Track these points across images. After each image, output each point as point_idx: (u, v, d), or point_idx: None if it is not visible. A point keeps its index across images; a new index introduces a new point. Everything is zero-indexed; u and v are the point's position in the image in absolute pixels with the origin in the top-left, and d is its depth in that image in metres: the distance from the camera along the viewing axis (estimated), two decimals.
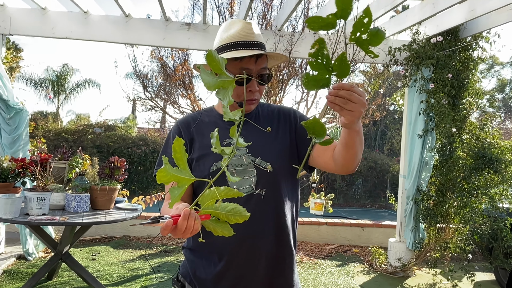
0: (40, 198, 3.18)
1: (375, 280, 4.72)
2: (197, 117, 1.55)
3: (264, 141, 1.44)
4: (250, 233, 1.38)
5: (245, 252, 1.38)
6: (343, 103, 1.01)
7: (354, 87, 1.02)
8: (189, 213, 0.99)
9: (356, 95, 1.01)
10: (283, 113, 1.53)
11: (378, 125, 18.00)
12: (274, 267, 1.41)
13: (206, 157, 1.41)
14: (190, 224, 0.99)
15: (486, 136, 4.67)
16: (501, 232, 4.28)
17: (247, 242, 1.38)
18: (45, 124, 13.45)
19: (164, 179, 0.91)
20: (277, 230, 1.41)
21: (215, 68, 0.89)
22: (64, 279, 4.04)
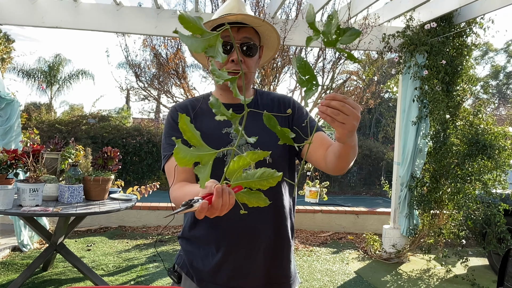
0: (33, 189, 3.16)
1: (370, 266, 4.76)
2: (195, 104, 1.51)
3: (263, 131, 1.38)
4: (249, 225, 1.37)
5: (244, 243, 1.38)
6: (335, 114, 0.97)
7: (348, 99, 0.97)
8: (222, 189, 0.96)
9: (349, 107, 0.96)
10: (282, 102, 1.50)
11: (373, 113, 18.02)
12: (272, 259, 1.41)
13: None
14: (226, 200, 0.96)
15: (479, 123, 4.68)
16: (494, 217, 4.32)
17: (245, 234, 1.37)
18: (38, 115, 13.34)
19: (184, 160, 0.86)
20: (275, 222, 1.41)
21: (193, 29, 0.83)
22: (59, 270, 4.03)
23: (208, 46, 0.86)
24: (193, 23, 0.82)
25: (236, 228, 1.37)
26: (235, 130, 0.93)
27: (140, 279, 3.93)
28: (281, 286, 1.43)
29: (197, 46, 0.85)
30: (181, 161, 0.86)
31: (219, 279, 1.39)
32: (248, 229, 1.37)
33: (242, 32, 1.37)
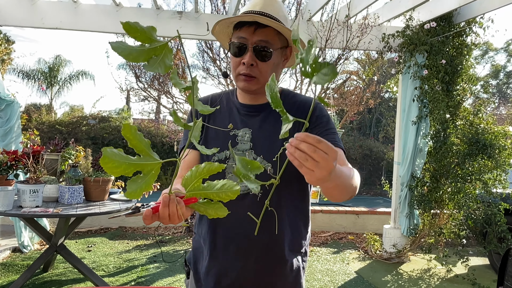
0: (33, 190, 3.16)
1: (370, 266, 4.75)
2: (216, 98, 1.45)
3: (270, 138, 1.30)
4: (240, 234, 1.30)
5: (232, 252, 1.31)
6: (303, 159, 0.82)
7: (322, 142, 0.82)
8: (169, 199, 0.93)
9: (320, 153, 0.81)
10: (303, 107, 1.34)
11: (373, 113, 18.02)
12: (261, 274, 1.31)
13: (210, 145, 1.33)
14: (173, 210, 0.92)
15: (479, 122, 4.68)
16: (495, 217, 4.31)
17: (235, 242, 1.31)
18: (39, 116, 13.36)
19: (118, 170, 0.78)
20: (267, 238, 1.29)
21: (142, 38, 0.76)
22: (60, 270, 4.03)
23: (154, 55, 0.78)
24: (140, 31, 0.76)
25: (226, 235, 1.31)
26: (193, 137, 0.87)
27: (141, 280, 3.93)
28: None
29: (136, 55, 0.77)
30: (114, 170, 0.78)
31: (208, 282, 1.35)
32: (239, 238, 1.30)
33: (258, 33, 1.26)
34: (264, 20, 1.22)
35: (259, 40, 1.26)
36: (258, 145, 1.31)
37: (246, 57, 1.26)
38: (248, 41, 1.26)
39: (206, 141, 1.37)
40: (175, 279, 3.99)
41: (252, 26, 1.25)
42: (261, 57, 1.27)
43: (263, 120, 1.34)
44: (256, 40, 1.26)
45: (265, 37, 1.26)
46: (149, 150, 0.82)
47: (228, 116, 1.38)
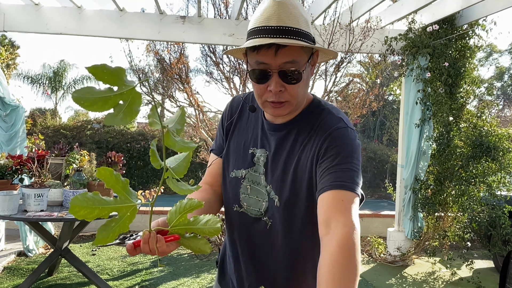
0: (38, 195, 3.18)
1: (375, 269, 4.74)
2: (245, 105, 1.32)
3: (281, 166, 1.18)
4: (256, 256, 1.26)
5: (249, 270, 1.28)
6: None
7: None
8: (149, 237, 0.92)
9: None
10: (320, 129, 1.14)
11: (377, 116, 17.99)
12: None
13: (231, 158, 1.28)
14: (152, 247, 0.92)
15: (483, 124, 4.67)
16: (499, 219, 4.30)
17: (251, 262, 1.27)
18: (44, 120, 13.45)
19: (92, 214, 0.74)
20: (284, 267, 1.23)
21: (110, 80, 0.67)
22: (64, 274, 4.05)
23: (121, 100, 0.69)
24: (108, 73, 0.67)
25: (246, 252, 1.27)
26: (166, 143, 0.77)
27: (145, 284, 3.94)
28: None
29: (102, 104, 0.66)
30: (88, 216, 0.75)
31: (230, 282, 1.36)
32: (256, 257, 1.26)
33: (281, 55, 1.05)
34: (285, 41, 1.03)
35: (283, 63, 1.06)
36: (270, 173, 1.20)
37: (272, 85, 1.07)
38: (270, 66, 1.06)
39: (228, 152, 1.29)
40: (179, 283, 4.00)
41: (272, 48, 1.04)
42: (289, 81, 1.08)
43: (279, 143, 1.20)
44: (281, 63, 1.06)
45: (290, 58, 1.06)
46: (126, 191, 0.78)
47: (253, 128, 1.27)
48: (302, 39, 1.06)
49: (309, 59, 1.11)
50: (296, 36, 1.05)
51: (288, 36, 1.04)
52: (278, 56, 1.05)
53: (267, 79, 1.08)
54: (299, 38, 1.05)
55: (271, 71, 1.07)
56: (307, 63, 1.10)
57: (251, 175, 1.23)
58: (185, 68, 5.50)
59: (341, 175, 1.05)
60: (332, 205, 1.02)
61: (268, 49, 1.05)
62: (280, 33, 1.04)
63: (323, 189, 1.05)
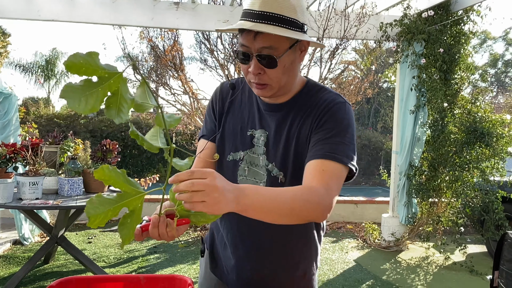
0: (33, 183, 3.17)
1: (369, 255, 4.79)
2: (238, 87, 1.33)
3: (284, 145, 1.21)
4: (253, 233, 1.28)
5: (247, 249, 1.31)
6: (189, 197, 0.82)
7: (194, 173, 0.82)
8: (159, 221, 0.92)
9: (198, 182, 0.81)
10: (319, 106, 1.19)
11: (372, 103, 18.03)
12: (275, 270, 1.31)
13: (227, 141, 1.30)
14: (162, 231, 0.92)
15: (477, 111, 4.69)
16: (492, 204, 4.35)
17: (248, 240, 1.30)
18: (37, 109, 13.33)
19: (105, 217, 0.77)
20: (280, 237, 1.28)
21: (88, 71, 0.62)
22: (60, 262, 4.06)
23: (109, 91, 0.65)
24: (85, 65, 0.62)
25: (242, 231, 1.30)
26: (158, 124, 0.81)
27: (141, 270, 3.96)
28: None
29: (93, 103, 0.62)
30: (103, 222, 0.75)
31: (226, 268, 1.37)
32: (253, 234, 1.29)
33: (259, 40, 1.09)
34: (262, 27, 1.07)
35: (261, 47, 1.10)
36: (272, 151, 1.23)
37: (251, 67, 1.13)
38: (250, 49, 1.12)
39: (223, 136, 1.30)
40: (175, 269, 4.02)
41: (251, 32, 1.09)
42: (267, 65, 1.12)
43: (279, 122, 1.23)
44: (258, 47, 1.10)
45: (267, 43, 1.09)
46: (130, 183, 0.78)
47: (248, 112, 1.29)
48: (284, 26, 1.08)
49: (293, 45, 1.13)
50: (277, 22, 1.08)
51: (268, 22, 1.07)
52: (256, 41, 1.09)
53: (248, 61, 1.13)
54: (280, 24, 1.08)
55: (250, 53, 1.12)
56: (289, 49, 1.12)
57: (250, 156, 1.26)
58: (179, 55, 5.46)
59: (333, 147, 1.11)
60: (315, 173, 1.09)
61: (249, 32, 1.10)
62: (260, 18, 1.08)
63: (312, 157, 1.12)
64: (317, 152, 1.11)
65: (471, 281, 4.06)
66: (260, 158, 1.24)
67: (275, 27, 1.08)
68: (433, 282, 4.02)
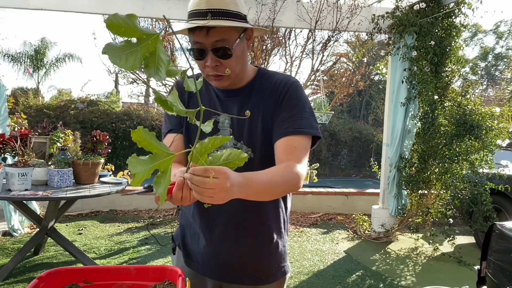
0: (22, 174, 3.14)
1: (359, 245, 4.84)
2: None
3: (249, 121, 1.32)
4: (226, 218, 1.36)
5: (220, 235, 1.38)
6: (199, 191, 0.90)
7: (208, 171, 0.89)
8: (183, 183, 0.96)
9: (209, 181, 0.88)
10: (277, 87, 1.33)
11: (363, 96, 18.08)
12: (248, 253, 1.39)
13: (191, 133, 1.37)
14: (186, 194, 0.97)
15: (467, 103, 4.72)
16: (481, 196, 4.40)
17: (221, 226, 1.37)
18: (26, 100, 13.16)
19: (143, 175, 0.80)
20: (253, 218, 1.37)
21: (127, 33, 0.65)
22: (50, 253, 4.04)
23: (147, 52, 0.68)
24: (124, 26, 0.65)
25: (215, 217, 1.37)
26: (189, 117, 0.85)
27: (132, 262, 3.96)
28: (253, 280, 1.41)
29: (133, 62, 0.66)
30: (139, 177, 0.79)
31: (199, 259, 1.42)
32: (226, 219, 1.36)
33: (212, 35, 1.19)
34: (214, 22, 1.17)
35: (214, 41, 1.20)
36: (238, 130, 1.32)
37: (208, 61, 1.23)
38: (204, 45, 1.21)
39: (188, 128, 1.38)
40: (166, 261, 4.03)
41: (203, 29, 1.18)
42: (222, 57, 1.22)
43: (241, 105, 1.33)
44: (212, 41, 1.20)
45: (219, 36, 1.20)
46: (160, 145, 0.82)
47: (208, 101, 1.38)
48: (230, 19, 1.20)
49: (241, 35, 1.25)
50: (224, 16, 1.20)
51: (217, 18, 1.19)
52: (209, 36, 1.19)
53: (204, 56, 1.23)
54: (228, 18, 1.20)
55: (205, 49, 1.22)
56: (239, 39, 1.24)
57: None
58: (171, 46, 5.42)
59: (298, 123, 1.27)
60: (289, 150, 1.23)
61: (200, 30, 1.19)
62: (213, 15, 1.18)
63: (282, 135, 1.26)
64: (286, 130, 1.26)
65: (459, 271, 4.11)
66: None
67: (225, 20, 1.19)
68: (422, 272, 4.07)
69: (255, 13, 4.58)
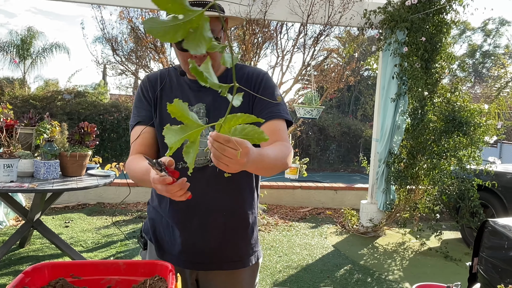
0: (7, 165, 3.07)
1: (347, 240, 4.86)
2: (164, 75, 1.46)
3: (224, 108, 1.27)
4: (203, 207, 1.38)
5: (197, 224, 1.39)
6: (217, 156, 0.93)
7: (231, 141, 0.90)
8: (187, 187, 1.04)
9: (230, 151, 0.91)
10: (250, 77, 1.42)
11: (352, 91, 18.14)
12: (226, 239, 1.41)
13: (165, 121, 1.36)
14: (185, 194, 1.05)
15: (456, 100, 4.75)
16: (468, 192, 4.44)
17: (198, 215, 1.39)
18: (12, 90, 12.94)
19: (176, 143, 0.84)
20: (231, 204, 1.40)
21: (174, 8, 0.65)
22: (36, 246, 3.99)
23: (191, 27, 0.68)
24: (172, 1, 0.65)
25: (192, 206, 1.37)
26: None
27: (120, 255, 3.92)
28: (230, 265, 1.44)
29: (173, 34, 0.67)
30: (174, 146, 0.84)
31: (174, 251, 1.43)
32: (203, 210, 1.38)
33: None
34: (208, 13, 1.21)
35: None
36: (214, 119, 1.34)
37: None
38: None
39: (162, 118, 1.40)
40: None
41: None
42: None
43: (216, 94, 1.32)
44: None
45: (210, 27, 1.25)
46: (192, 116, 0.85)
47: (180, 93, 1.42)
48: (215, 10, 1.27)
49: (222, 27, 1.32)
50: (212, 8, 1.26)
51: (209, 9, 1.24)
52: None
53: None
54: (214, 9, 1.27)
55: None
56: (221, 29, 1.32)
57: None
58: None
59: (278, 108, 1.37)
60: (275, 132, 1.33)
61: None
62: (200, 6, 1.22)
63: (266, 119, 1.33)
64: (268, 115, 1.35)
65: (446, 266, 4.16)
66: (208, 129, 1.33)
67: (213, 12, 1.27)
68: (409, 267, 4.11)
69: (247, 6, 4.54)
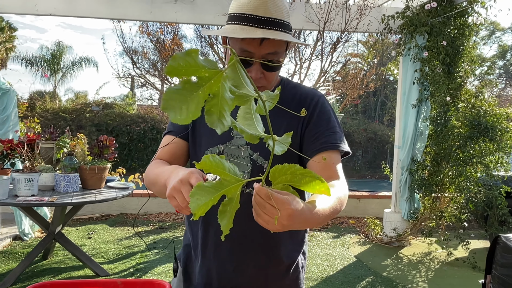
0: (28, 179, 3.16)
1: (370, 250, 4.75)
2: None
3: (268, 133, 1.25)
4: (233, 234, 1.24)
5: (224, 253, 1.25)
6: (258, 213, 0.82)
7: (274, 195, 0.78)
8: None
9: (270, 209, 0.79)
10: (304, 99, 1.25)
11: (378, 96, 17.87)
12: (256, 277, 1.26)
13: (203, 137, 1.27)
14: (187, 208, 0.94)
15: (481, 104, 4.60)
16: (496, 200, 4.27)
17: (228, 243, 1.17)
18: (43, 103, 13.38)
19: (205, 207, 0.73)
20: (264, 238, 1.21)
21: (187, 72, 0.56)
22: (59, 258, 4.06)
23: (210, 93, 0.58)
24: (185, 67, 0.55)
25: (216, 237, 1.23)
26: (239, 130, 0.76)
27: (140, 267, 3.95)
28: None
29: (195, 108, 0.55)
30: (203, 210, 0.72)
31: (198, 283, 1.30)
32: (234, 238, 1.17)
33: (266, 46, 1.11)
34: (273, 34, 1.08)
35: (267, 53, 1.12)
36: (258, 145, 1.19)
37: (253, 72, 1.14)
38: (254, 55, 1.12)
39: (196, 132, 1.29)
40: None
41: (257, 38, 1.09)
42: (269, 68, 1.16)
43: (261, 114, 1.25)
44: (264, 54, 1.12)
45: (273, 49, 1.12)
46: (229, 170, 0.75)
47: None
48: (285, 31, 1.12)
49: (287, 48, 1.19)
50: (280, 27, 1.11)
51: (274, 28, 1.09)
52: (262, 47, 1.11)
53: (248, 66, 1.13)
54: (283, 29, 1.12)
55: (253, 59, 1.13)
56: (285, 51, 1.19)
57: (229, 149, 1.25)
58: (179, 49, 5.42)
59: (334, 138, 1.21)
60: (329, 167, 1.17)
61: (253, 39, 1.09)
62: (267, 25, 1.09)
63: (320, 150, 1.19)
64: (323, 145, 1.19)
65: (473, 277, 3.99)
66: (241, 149, 1.23)
67: (282, 32, 1.11)
68: (435, 278, 3.96)
69: None
